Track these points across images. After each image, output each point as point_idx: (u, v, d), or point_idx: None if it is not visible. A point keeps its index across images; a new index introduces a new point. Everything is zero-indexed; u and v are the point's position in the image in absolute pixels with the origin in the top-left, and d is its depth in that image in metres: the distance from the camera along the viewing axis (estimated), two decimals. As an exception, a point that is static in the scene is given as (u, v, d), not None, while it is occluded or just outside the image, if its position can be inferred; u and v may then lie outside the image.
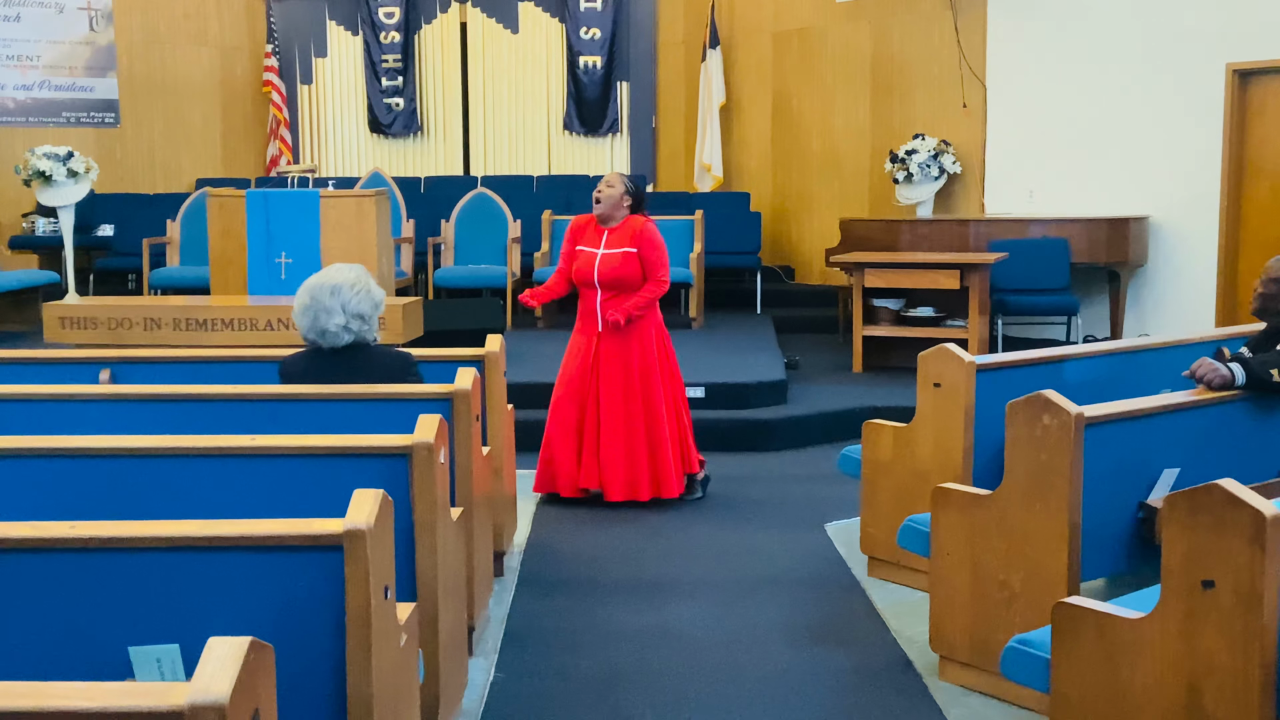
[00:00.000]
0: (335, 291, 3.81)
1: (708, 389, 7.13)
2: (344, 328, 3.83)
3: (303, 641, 2.27)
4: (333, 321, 3.81)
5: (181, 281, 9.40)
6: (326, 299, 3.81)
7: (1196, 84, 8.78)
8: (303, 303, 3.84)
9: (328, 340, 3.85)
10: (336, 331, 3.83)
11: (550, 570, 4.85)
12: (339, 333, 3.84)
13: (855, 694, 3.69)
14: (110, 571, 2.26)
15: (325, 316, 3.81)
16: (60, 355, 4.60)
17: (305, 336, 3.89)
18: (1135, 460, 3.59)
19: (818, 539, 5.23)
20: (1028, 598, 3.46)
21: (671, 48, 12.46)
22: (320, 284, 3.84)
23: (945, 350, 4.28)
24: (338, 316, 3.81)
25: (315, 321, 3.82)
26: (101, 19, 11.49)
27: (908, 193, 10.14)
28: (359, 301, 3.84)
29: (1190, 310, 8.87)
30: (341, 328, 3.83)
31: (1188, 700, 2.65)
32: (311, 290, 3.83)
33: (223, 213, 7.64)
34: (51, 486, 3.04)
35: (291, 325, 6.59)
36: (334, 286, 3.82)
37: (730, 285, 10.88)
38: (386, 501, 2.40)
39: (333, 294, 3.81)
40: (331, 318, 3.81)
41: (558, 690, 3.71)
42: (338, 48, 12.44)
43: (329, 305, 3.81)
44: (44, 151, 9.61)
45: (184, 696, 1.55)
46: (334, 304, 3.81)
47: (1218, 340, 4.66)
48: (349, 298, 3.82)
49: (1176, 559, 2.65)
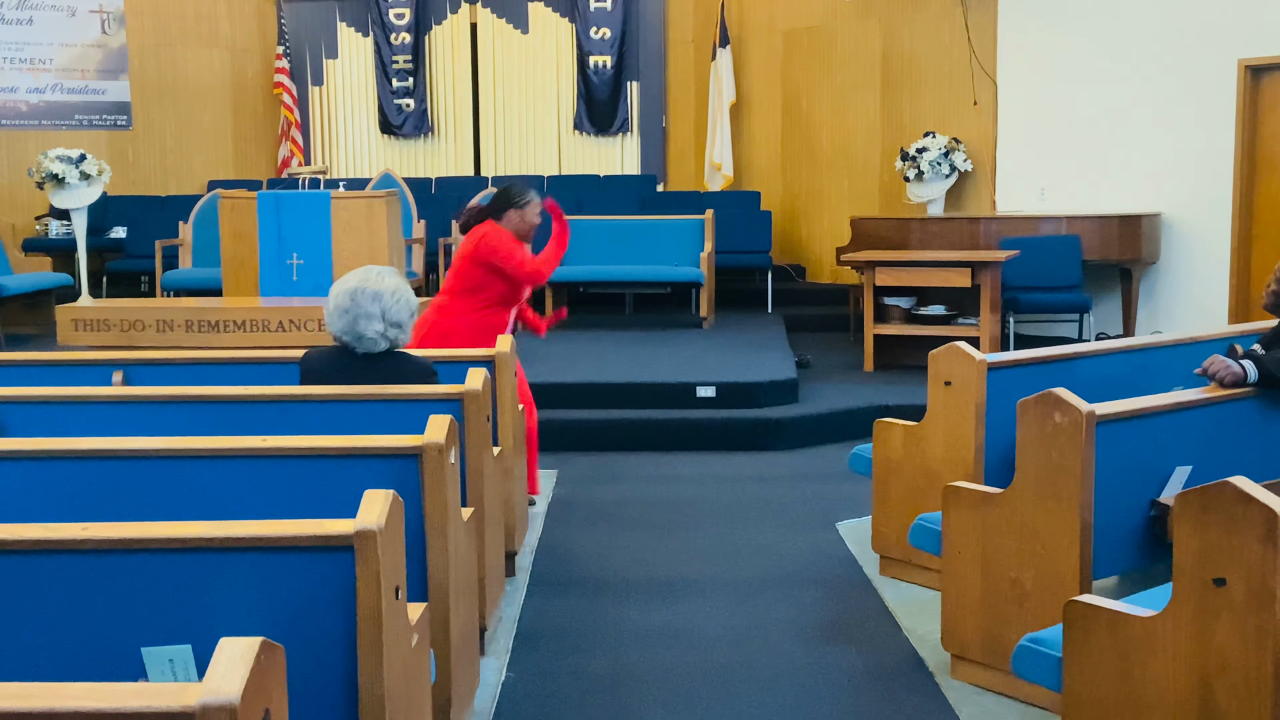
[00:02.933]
0: (377, 298, 3.76)
1: (718, 388, 7.13)
2: (382, 335, 3.79)
3: (314, 642, 2.28)
4: (371, 328, 3.77)
5: (194, 283, 9.43)
6: (369, 304, 3.75)
7: (1208, 80, 8.74)
8: (341, 305, 3.77)
9: (364, 346, 3.80)
10: (374, 338, 3.78)
11: (561, 570, 4.85)
12: (376, 339, 3.79)
13: (867, 693, 3.69)
14: (122, 573, 2.27)
15: (365, 322, 3.76)
16: (73, 357, 4.62)
17: (339, 337, 3.82)
18: (1147, 458, 3.58)
19: (829, 538, 5.23)
20: (1039, 596, 3.45)
21: (681, 47, 12.46)
22: (362, 288, 3.77)
23: (956, 348, 4.28)
24: (377, 323, 3.77)
25: (354, 325, 3.76)
26: (113, 22, 11.53)
27: (918, 191, 10.12)
28: (398, 310, 3.79)
29: (1203, 307, 8.84)
30: (380, 334, 3.78)
31: (1200, 698, 2.64)
32: (352, 293, 3.77)
33: (234, 214, 7.66)
34: (64, 488, 3.05)
35: (303, 325, 6.64)
36: (376, 293, 3.76)
37: (741, 284, 10.88)
38: (397, 502, 2.41)
39: (374, 300, 3.76)
40: (371, 324, 3.76)
41: (570, 689, 3.72)
42: (348, 49, 12.46)
43: (370, 311, 3.76)
44: (57, 154, 9.65)
45: (196, 697, 1.56)
46: (375, 310, 3.76)
47: (1230, 337, 4.64)
48: (389, 305, 3.78)
49: (1188, 557, 2.64)
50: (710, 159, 11.96)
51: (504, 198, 5.29)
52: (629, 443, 6.87)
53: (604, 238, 9.99)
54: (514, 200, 5.26)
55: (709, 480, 6.22)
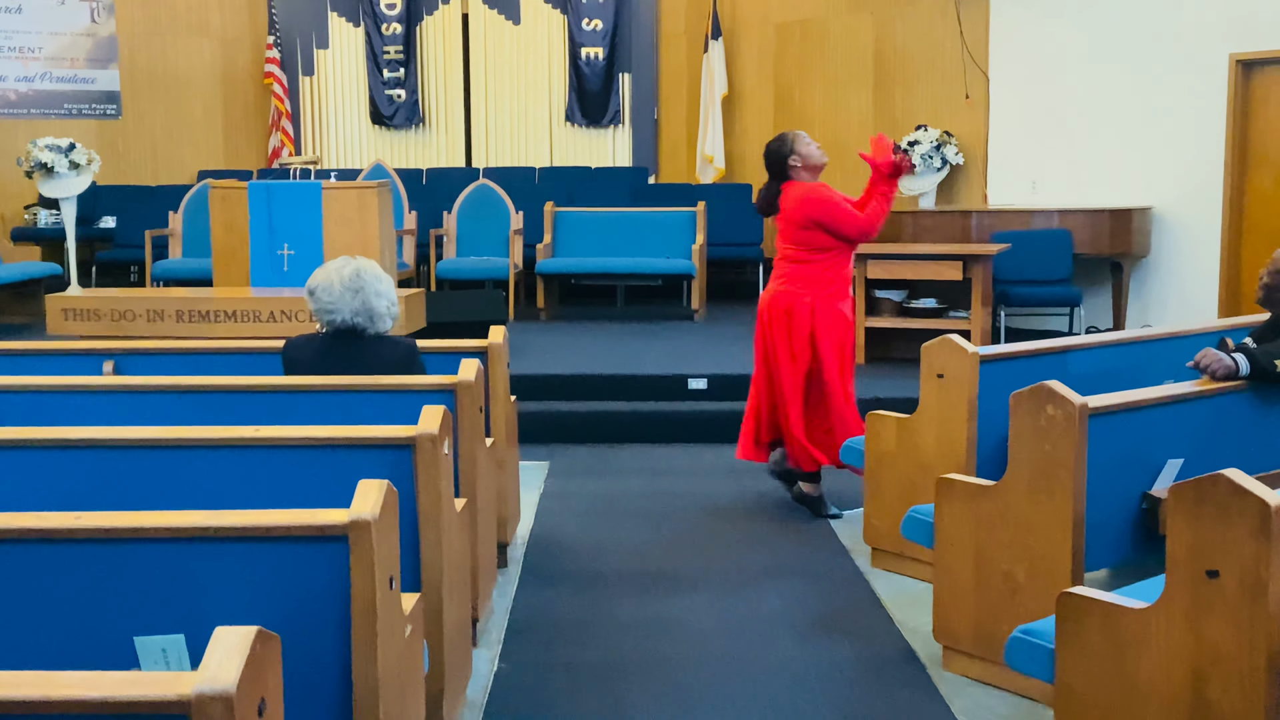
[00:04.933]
0: (379, 277, 3.93)
1: (710, 380, 7.13)
2: (389, 312, 3.94)
3: (308, 632, 2.27)
4: (381, 303, 3.91)
5: (184, 273, 9.40)
6: (376, 284, 3.91)
7: (1200, 74, 8.75)
8: (352, 285, 3.87)
9: (376, 325, 3.92)
10: (383, 314, 3.93)
11: (554, 561, 4.85)
12: (385, 316, 3.94)
13: (859, 685, 3.69)
14: (115, 562, 2.26)
15: (376, 299, 3.90)
16: (63, 347, 4.60)
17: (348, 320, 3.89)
18: (1139, 451, 3.58)
19: (821, 530, 5.23)
20: (1032, 588, 3.46)
21: (673, 39, 12.44)
22: (360, 269, 3.91)
23: (949, 341, 4.28)
24: (385, 301, 3.92)
25: (365, 303, 3.88)
26: (103, 10, 11.47)
27: (910, 184, 10.12)
28: (377, 298, 3.93)
29: (1193, 301, 8.86)
30: (387, 311, 3.94)
31: (1193, 690, 2.65)
32: (359, 270, 3.90)
33: (225, 205, 7.63)
34: (55, 478, 3.03)
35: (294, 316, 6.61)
36: (378, 274, 3.93)
37: (732, 276, 10.88)
38: (392, 492, 2.40)
39: (378, 278, 3.93)
40: (381, 300, 3.91)
41: (562, 681, 3.72)
42: (339, 39, 12.41)
43: (379, 289, 3.91)
44: (46, 143, 9.60)
45: (190, 686, 1.55)
46: (382, 287, 3.92)
47: (1221, 331, 4.66)
48: (389, 283, 3.95)
49: (1181, 549, 2.64)
50: (702, 151, 11.95)
51: (776, 156, 5.29)
52: (620, 435, 6.86)
53: (595, 230, 9.97)
54: (784, 150, 5.27)
55: (700, 472, 6.22)
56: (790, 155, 5.26)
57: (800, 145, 5.26)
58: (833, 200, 5.17)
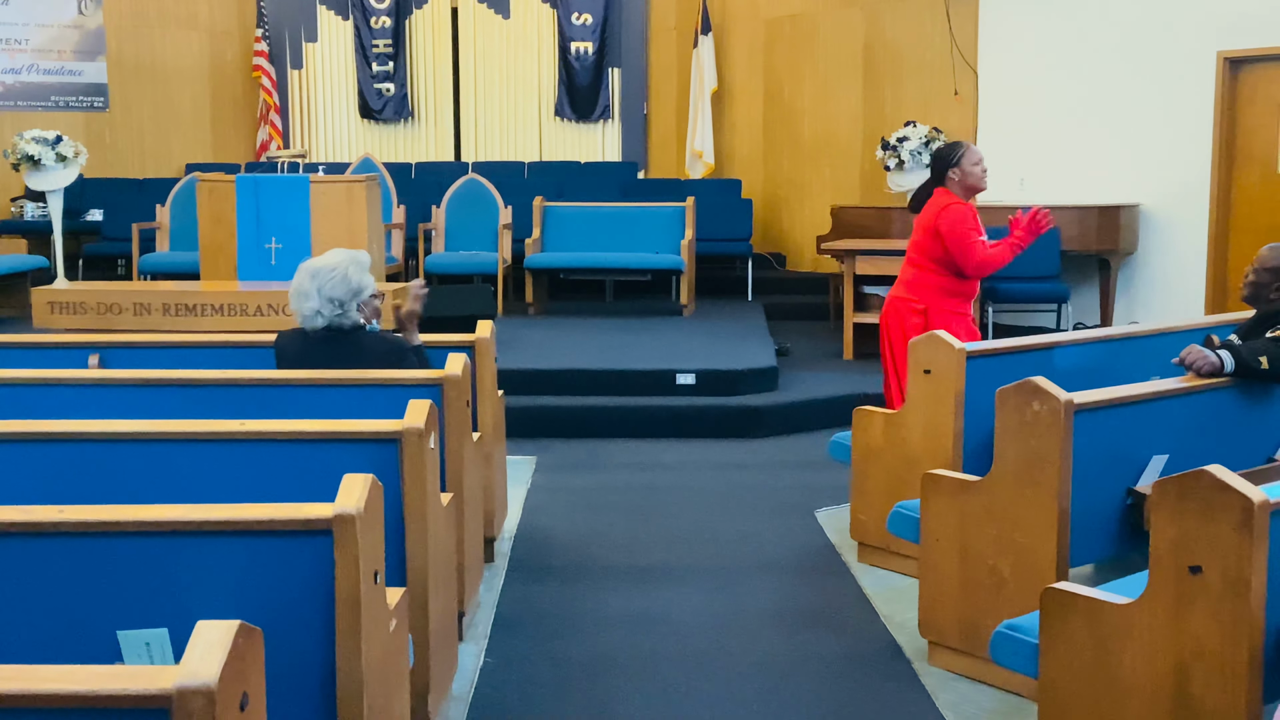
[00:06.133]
0: (315, 275, 3.89)
1: (698, 375, 7.14)
2: (317, 312, 3.90)
3: (292, 626, 2.27)
4: (307, 305, 3.90)
5: (171, 267, 9.36)
6: (306, 283, 3.89)
7: (1187, 72, 8.78)
8: (300, 290, 3.93)
9: (306, 323, 3.94)
10: (310, 315, 3.91)
11: (540, 556, 4.85)
12: (313, 316, 3.92)
13: (845, 679, 3.70)
14: (99, 556, 2.26)
15: (300, 300, 3.90)
16: (49, 340, 4.59)
17: (308, 322, 3.96)
18: (1124, 446, 3.59)
19: (808, 525, 5.24)
20: (1017, 583, 3.47)
21: (663, 33, 12.43)
22: (304, 267, 3.94)
23: (936, 337, 4.29)
24: (312, 300, 3.89)
25: (327, 297, 3.90)
26: (90, 2, 11.42)
27: (899, 180, 10.13)
28: (333, 286, 3.88)
29: (1180, 298, 8.89)
30: (315, 312, 3.90)
31: (1176, 685, 2.66)
32: (309, 271, 3.92)
33: (212, 198, 7.61)
34: (40, 471, 3.03)
35: (282, 310, 6.61)
36: (314, 270, 3.90)
37: (721, 272, 10.88)
38: (376, 486, 2.40)
39: (312, 277, 3.89)
40: (306, 301, 3.89)
41: (548, 675, 3.72)
42: (328, 32, 12.38)
43: (306, 289, 3.89)
44: (32, 135, 9.56)
45: (172, 680, 1.54)
46: (310, 288, 3.89)
47: (1207, 327, 4.67)
48: (325, 281, 3.88)
49: (1165, 545, 2.65)
50: (691, 146, 11.94)
51: (940, 159, 5.18)
52: (609, 430, 6.87)
53: (585, 224, 9.96)
54: (949, 158, 5.13)
55: (688, 467, 6.22)
56: (952, 167, 5.13)
57: (966, 161, 5.10)
58: (965, 226, 5.02)
